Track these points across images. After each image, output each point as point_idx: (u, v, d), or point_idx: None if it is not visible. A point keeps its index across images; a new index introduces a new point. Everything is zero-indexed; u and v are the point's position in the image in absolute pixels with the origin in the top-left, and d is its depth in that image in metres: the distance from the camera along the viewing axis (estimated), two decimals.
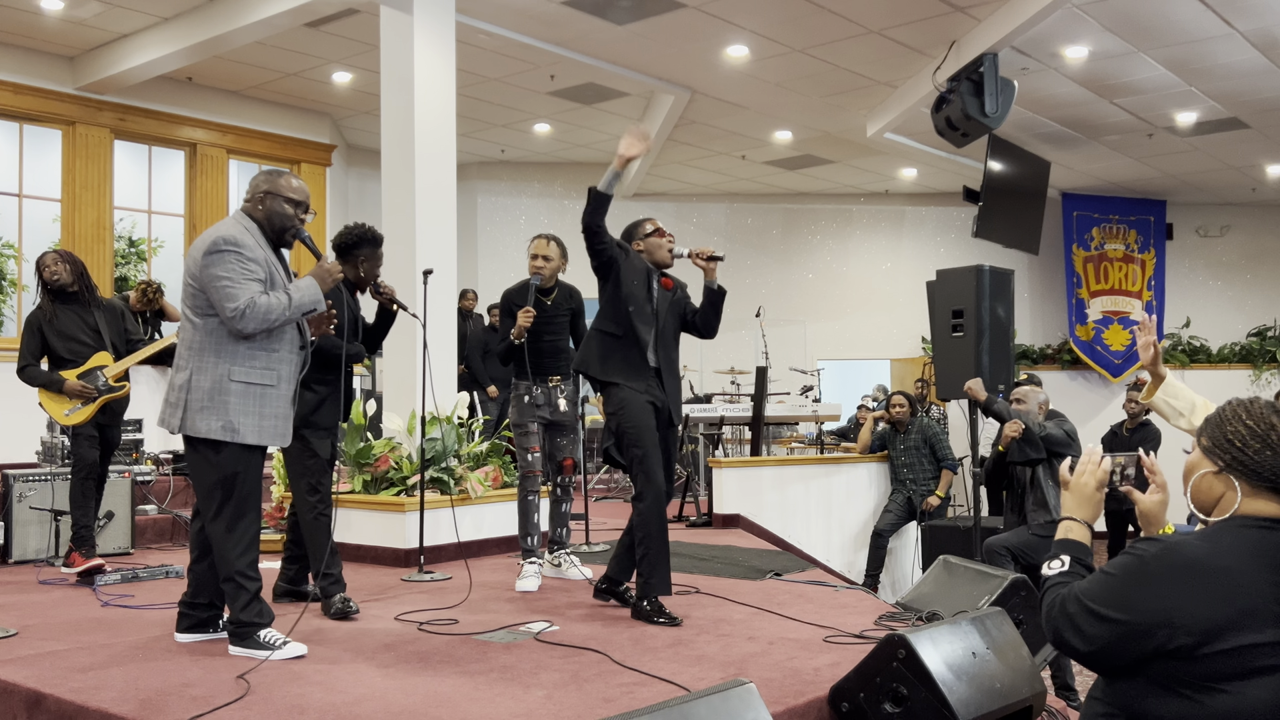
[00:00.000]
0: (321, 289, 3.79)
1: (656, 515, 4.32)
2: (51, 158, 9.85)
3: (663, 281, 4.57)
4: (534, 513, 5.27)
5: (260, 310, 3.62)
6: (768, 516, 7.85)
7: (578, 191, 13.72)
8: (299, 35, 8.95)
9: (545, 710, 3.07)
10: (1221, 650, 1.87)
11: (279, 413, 3.78)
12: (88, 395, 5.58)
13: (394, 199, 6.92)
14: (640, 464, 4.30)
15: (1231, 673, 1.87)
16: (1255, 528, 1.99)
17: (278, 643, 3.68)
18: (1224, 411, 2.12)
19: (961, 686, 3.04)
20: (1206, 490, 2.11)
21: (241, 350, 3.70)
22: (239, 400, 3.67)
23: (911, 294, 13.31)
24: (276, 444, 3.82)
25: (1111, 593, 1.99)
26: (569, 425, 5.42)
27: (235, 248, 3.66)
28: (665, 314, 4.55)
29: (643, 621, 4.27)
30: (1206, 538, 1.99)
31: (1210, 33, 8.29)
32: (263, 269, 3.71)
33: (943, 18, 8.34)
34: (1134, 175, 12.93)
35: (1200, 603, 1.90)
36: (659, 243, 4.56)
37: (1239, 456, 2.04)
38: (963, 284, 6.64)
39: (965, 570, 4.45)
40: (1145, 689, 1.96)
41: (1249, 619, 1.87)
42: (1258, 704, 1.85)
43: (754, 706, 2.49)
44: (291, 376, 3.84)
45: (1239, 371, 13.94)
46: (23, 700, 3.31)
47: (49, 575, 5.62)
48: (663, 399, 4.48)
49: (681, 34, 8.79)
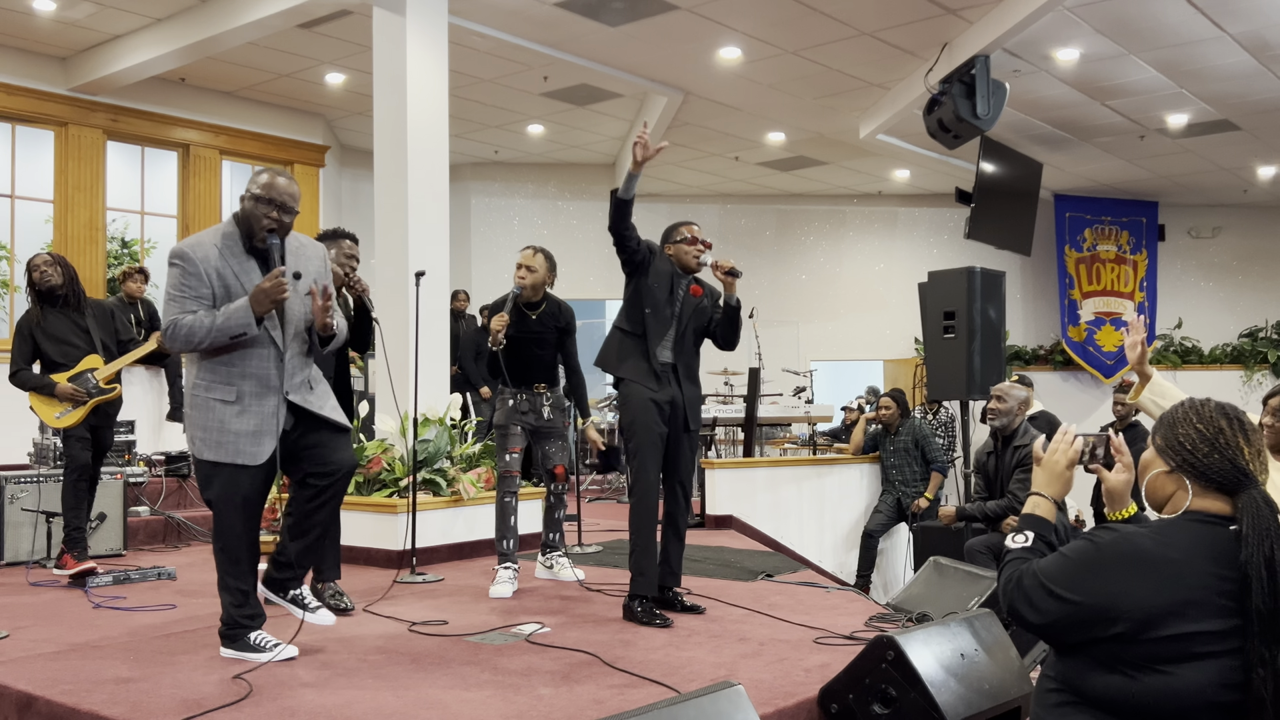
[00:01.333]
0: (256, 310, 3.52)
1: (646, 510, 4.37)
2: (44, 159, 9.83)
3: (691, 289, 4.59)
4: (510, 515, 5.20)
5: (183, 332, 3.51)
6: (760, 517, 7.87)
7: (571, 192, 13.73)
8: (292, 36, 8.95)
9: (536, 712, 3.08)
10: (1163, 636, 1.99)
11: (243, 429, 3.59)
12: (79, 398, 5.58)
13: (387, 200, 6.92)
14: (635, 458, 4.37)
15: (1170, 656, 1.99)
16: (1203, 523, 2.11)
17: (268, 645, 3.67)
18: (1176, 413, 2.22)
19: (950, 687, 3.06)
20: (1160, 488, 2.22)
21: (206, 363, 3.61)
22: (197, 414, 3.62)
23: (904, 295, 13.34)
24: (243, 461, 3.59)
25: (1066, 574, 2.11)
26: (556, 432, 5.36)
27: (180, 261, 3.57)
28: (688, 319, 4.58)
29: (633, 623, 4.28)
30: (1158, 531, 2.10)
31: (1201, 35, 8.33)
32: (208, 283, 3.57)
33: (935, 20, 8.37)
34: (1126, 177, 12.97)
35: (1146, 590, 2.02)
36: (687, 250, 4.59)
37: (1189, 459, 2.15)
38: (954, 285, 6.67)
39: (955, 571, 4.47)
40: (1089, 666, 2.08)
41: (1191, 608, 1.99)
42: (1190, 685, 1.98)
43: (742, 708, 2.50)
44: (264, 391, 3.63)
45: (1230, 372, 13.99)
46: (14, 702, 3.31)
47: (41, 577, 5.61)
48: (679, 401, 4.50)
49: (674, 35, 8.80)
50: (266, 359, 3.64)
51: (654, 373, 4.45)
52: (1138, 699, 2.01)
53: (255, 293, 3.54)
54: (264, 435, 3.62)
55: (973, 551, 5.74)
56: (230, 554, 3.67)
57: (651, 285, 4.49)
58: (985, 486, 5.99)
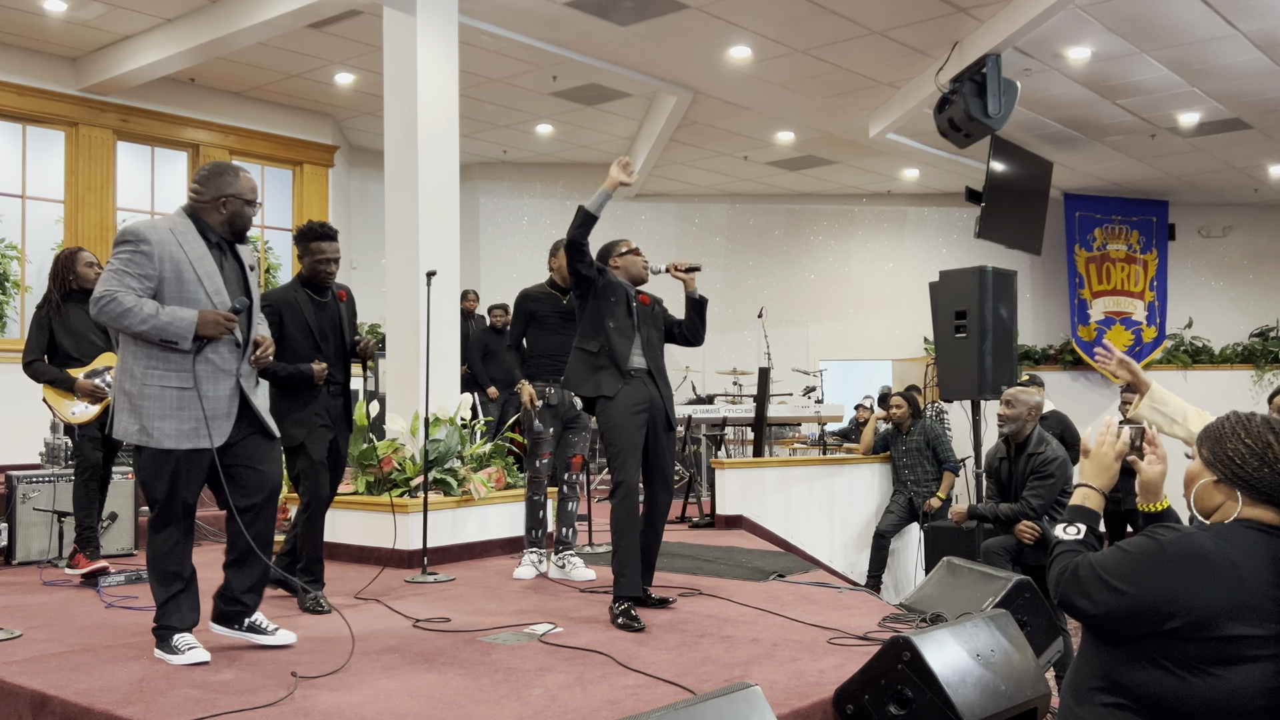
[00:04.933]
0: (200, 332, 3.53)
1: (629, 513, 4.41)
2: (54, 159, 9.86)
3: (640, 298, 4.71)
4: (539, 511, 5.52)
5: (119, 309, 3.48)
6: (770, 517, 7.85)
7: (580, 192, 13.72)
8: (302, 36, 8.96)
9: (550, 713, 3.07)
10: (1215, 637, 2.02)
11: (200, 414, 3.59)
12: (99, 394, 5.54)
13: (397, 200, 6.92)
14: (617, 459, 4.44)
15: (1220, 658, 2.02)
16: (1260, 531, 2.15)
17: (183, 647, 3.62)
18: (1223, 427, 2.25)
19: (966, 688, 3.05)
20: (1208, 498, 2.25)
21: (156, 351, 3.58)
22: (155, 404, 3.58)
23: (914, 294, 13.31)
24: (204, 445, 3.60)
25: (1125, 568, 2.14)
26: (581, 423, 5.55)
27: (134, 238, 3.56)
28: (648, 325, 4.70)
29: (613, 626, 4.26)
30: (1218, 534, 2.14)
31: (1213, 33, 8.29)
32: (158, 266, 3.56)
33: (945, 19, 8.34)
34: (1136, 176, 12.92)
35: (1205, 590, 2.05)
36: (635, 260, 4.73)
37: (1238, 472, 2.19)
38: (966, 285, 6.64)
39: (969, 572, 4.45)
40: (1135, 661, 2.11)
41: (1246, 612, 2.03)
42: (1238, 689, 2.01)
43: (760, 709, 2.49)
44: (218, 375, 3.64)
45: (1241, 372, 13.92)
46: (28, 702, 3.31)
47: (53, 576, 5.62)
48: (658, 401, 4.59)
49: (684, 35, 8.79)
50: (222, 343, 3.66)
51: (626, 379, 4.52)
52: (1184, 698, 2.04)
53: (207, 317, 3.56)
54: (220, 419, 3.65)
55: (989, 553, 5.71)
56: (166, 547, 3.64)
57: (611, 302, 4.58)
58: (998, 490, 5.96)
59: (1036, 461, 5.70)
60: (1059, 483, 5.66)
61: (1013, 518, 5.71)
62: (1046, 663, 3.93)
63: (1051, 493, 5.66)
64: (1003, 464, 5.92)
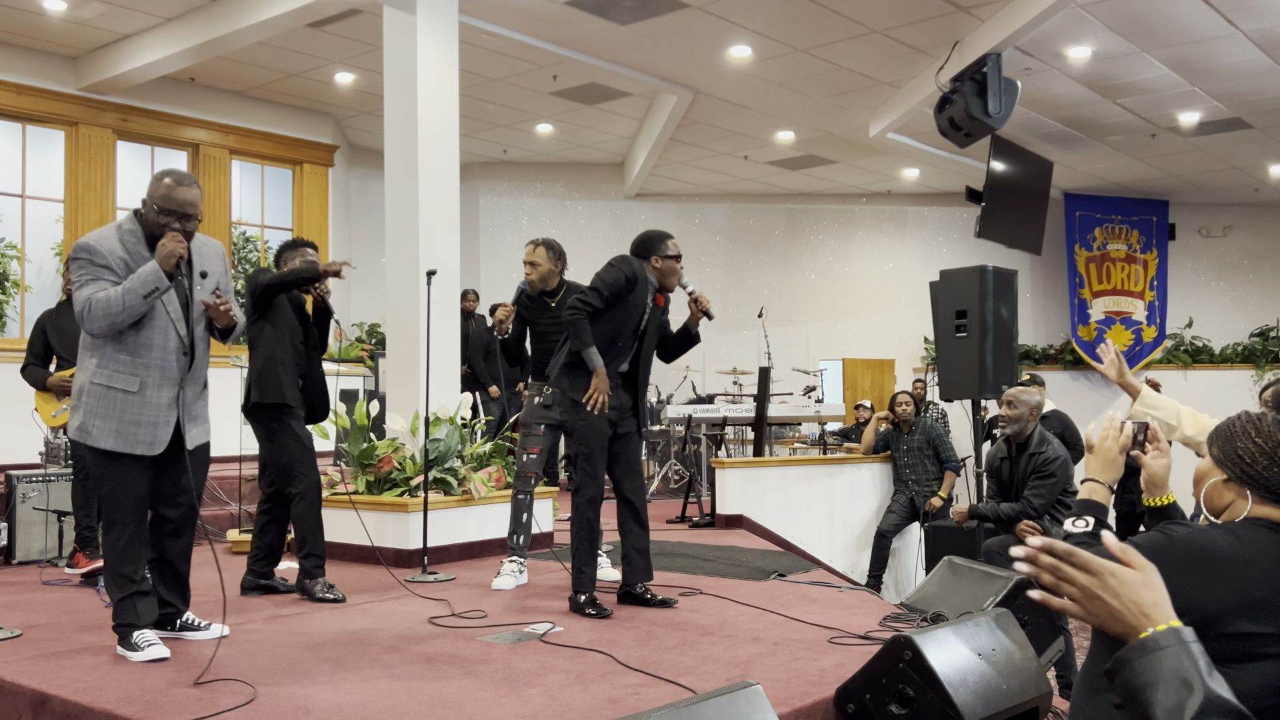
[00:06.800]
0: (164, 266, 3.57)
1: (593, 513, 4.52)
2: (54, 158, 9.85)
3: (656, 298, 4.72)
4: (524, 512, 5.34)
5: (100, 306, 3.53)
6: (771, 517, 7.84)
7: (580, 192, 13.72)
8: (302, 36, 8.95)
9: (550, 712, 3.06)
10: (1225, 634, 2.00)
11: (142, 419, 3.64)
12: (65, 388, 5.59)
13: (397, 199, 6.91)
14: (585, 461, 4.51)
15: (1230, 655, 1.99)
16: (1269, 529, 2.15)
17: (143, 644, 3.66)
18: (1233, 426, 2.26)
19: (968, 688, 3.04)
20: (1218, 496, 2.26)
21: (108, 352, 3.64)
22: (97, 403, 3.62)
23: (914, 294, 13.31)
24: (141, 451, 3.65)
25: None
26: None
27: (85, 253, 3.63)
28: (652, 333, 4.74)
29: (576, 614, 4.43)
30: (1231, 531, 2.14)
31: (1214, 33, 8.28)
32: (114, 269, 3.61)
33: (946, 18, 8.34)
34: (1136, 175, 12.92)
35: (1217, 586, 2.04)
36: (674, 268, 4.69)
37: (1248, 471, 2.19)
38: (966, 284, 6.63)
39: (970, 571, 4.44)
40: None
41: (1257, 609, 2.02)
42: (1249, 686, 1.98)
43: (761, 708, 2.48)
44: (164, 383, 3.69)
45: (1241, 372, 13.92)
46: (28, 701, 3.31)
47: (52, 576, 5.61)
48: (630, 405, 4.66)
49: (684, 34, 8.78)
50: (170, 351, 3.70)
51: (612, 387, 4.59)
52: None
53: (159, 250, 3.58)
54: (160, 426, 3.69)
55: (990, 552, 5.71)
56: (118, 548, 3.68)
57: (625, 319, 4.59)
58: (999, 490, 5.96)
59: (1038, 461, 5.69)
60: (1060, 482, 5.65)
61: (1014, 517, 5.71)
62: (1048, 662, 3.93)
63: (1053, 492, 5.65)
64: (1004, 463, 5.91)
